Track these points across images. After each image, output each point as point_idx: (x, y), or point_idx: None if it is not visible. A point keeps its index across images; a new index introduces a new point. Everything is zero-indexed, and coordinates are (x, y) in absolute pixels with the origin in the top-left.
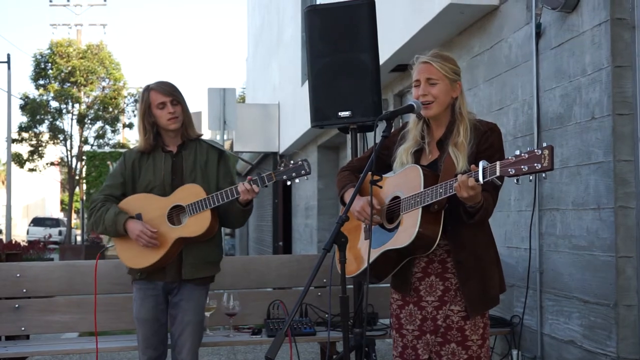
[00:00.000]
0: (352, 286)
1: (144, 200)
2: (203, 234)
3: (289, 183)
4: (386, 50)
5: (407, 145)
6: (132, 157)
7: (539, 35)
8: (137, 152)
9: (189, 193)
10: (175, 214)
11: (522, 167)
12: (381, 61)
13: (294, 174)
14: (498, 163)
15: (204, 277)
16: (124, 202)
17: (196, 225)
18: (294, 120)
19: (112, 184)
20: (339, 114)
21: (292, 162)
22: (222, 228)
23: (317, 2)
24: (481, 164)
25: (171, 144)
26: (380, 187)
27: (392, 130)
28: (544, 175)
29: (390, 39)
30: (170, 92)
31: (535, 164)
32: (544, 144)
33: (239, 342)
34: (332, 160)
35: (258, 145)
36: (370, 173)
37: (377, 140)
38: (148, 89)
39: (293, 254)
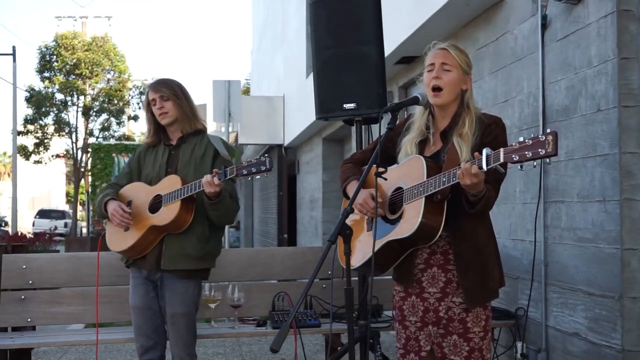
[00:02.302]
0: (356, 278)
1: (137, 188)
2: (170, 223)
3: (249, 178)
4: (391, 43)
5: (412, 135)
6: (140, 149)
7: (544, 27)
8: (145, 145)
9: (169, 183)
10: (158, 203)
11: (526, 153)
12: (386, 53)
13: (253, 169)
14: (502, 150)
15: (183, 269)
16: (123, 189)
17: (166, 214)
18: (299, 112)
19: (121, 173)
20: (344, 106)
21: (256, 158)
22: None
23: None
24: (485, 151)
25: (173, 138)
26: (385, 179)
27: (397, 122)
28: (547, 161)
29: (395, 31)
30: (159, 89)
31: (539, 150)
32: (548, 130)
33: (244, 333)
34: (337, 152)
35: (263, 137)
36: (374, 165)
37: (382, 133)
38: (147, 87)
39: (298, 246)
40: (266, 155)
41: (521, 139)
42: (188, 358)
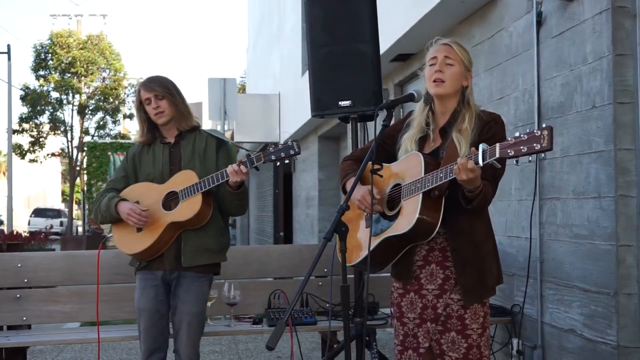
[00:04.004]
0: (352, 276)
1: (142, 189)
2: (193, 217)
3: (278, 164)
4: (387, 40)
5: (412, 132)
6: (133, 150)
7: (539, 23)
8: (139, 146)
9: (183, 179)
10: (172, 200)
11: (522, 148)
12: (382, 51)
13: (282, 154)
14: (497, 145)
15: (203, 265)
16: (125, 191)
17: (187, 209)
18: (295, 110)
19: (115, 178)
20: (340, 103)
21: (281, 143)
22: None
23: None
24: (481, 146)
25: (169, 136)
26: (381, 176)
27: (394, 119)
28: (543, 155)
29: (391, 29)
30: (153, 88)
31: (535, 145)
32: (543, 125)
33: (240, 331)
34: (332, 150)
35: (259, 135)
36: (370, 162)
37: (378, 130)
38: (139, 86)
39: (294, 244)
40: (292, 140)
41: (517, 134)
42: (195, 357)
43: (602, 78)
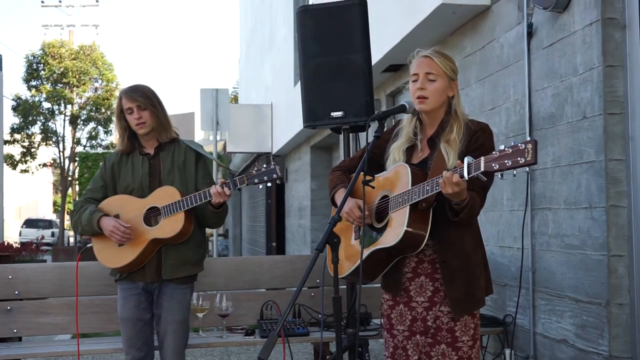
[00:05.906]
0: (345, 286)
1: (122, 202)
2: (176, 235)
3: (260, 187)
4: (378, 51)
5: (400, 142)
6: (111, 160)
7: (530, 35)
8: (117, 155)
9: (165, 195)
10: (153, 216)
11: (506, 161)
12: (373, 61)
13: (265, 178)
14: (482, 158)
15: (184, 276)
16: (104, 203)
17: (170, 226)
18: (287, 120)
19: (93, 187)
20: (332, 114)
21: (264, 166)
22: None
23: (310, 3)
24: (466, 159)
25: (148, 146)
26: (373, 187)
27: (384, 130)
28: (527, 169)
29: (383, 39)
30: (135, 98)
31: (519, 158)
32: (528, 138)
33: (232, 343)
34: (325, 160)
35: (251, 145)
36: (362, 173)
37: (369, 141)
38: (120, 94)
39: (286, 254)
40: (274, 163)
41: (502, 147)
42: None
43: (592, 89)
